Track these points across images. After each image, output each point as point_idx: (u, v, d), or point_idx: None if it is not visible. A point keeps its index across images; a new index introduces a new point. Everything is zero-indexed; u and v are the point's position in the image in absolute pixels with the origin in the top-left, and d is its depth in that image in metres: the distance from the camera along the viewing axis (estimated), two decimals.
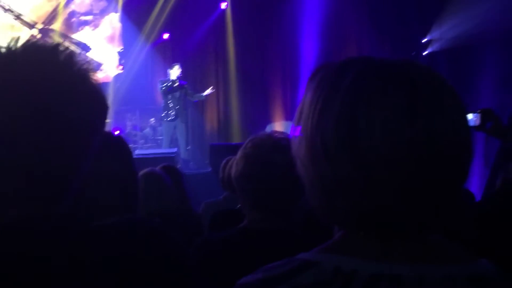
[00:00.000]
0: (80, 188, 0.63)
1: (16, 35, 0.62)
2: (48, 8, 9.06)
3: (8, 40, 0.62)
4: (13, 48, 0.60)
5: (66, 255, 0.57)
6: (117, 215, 0.99)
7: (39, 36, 8.56)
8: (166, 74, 7.52)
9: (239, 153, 1.34)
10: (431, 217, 0.58)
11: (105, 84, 8.89)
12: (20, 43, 0.60)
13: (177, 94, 7.24)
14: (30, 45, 0.61)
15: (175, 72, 7.19)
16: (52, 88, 0.59)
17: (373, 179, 0.56)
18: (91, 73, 0.63)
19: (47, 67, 0.60)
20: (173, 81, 7.13)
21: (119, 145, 1.10)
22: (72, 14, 9.24)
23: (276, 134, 1.35)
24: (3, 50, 0.60)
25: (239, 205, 1.90)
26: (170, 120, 7.29)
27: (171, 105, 7.25)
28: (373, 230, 0.59)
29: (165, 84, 7.22)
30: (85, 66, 0.63)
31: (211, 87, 7.61)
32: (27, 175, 0.59)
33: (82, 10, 9.25)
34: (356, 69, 0.59)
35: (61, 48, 0.62)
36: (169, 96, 7.22)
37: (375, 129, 0.56)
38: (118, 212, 0.99)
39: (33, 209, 0.60)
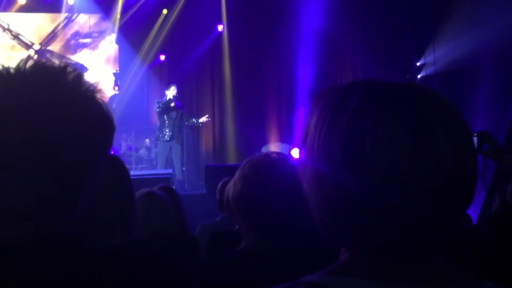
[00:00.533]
0: (83, 208, 0.63)
1: (15, 56, 0.62)
2: (49, 29, 9.13)
3: (6, 61, 0.62)
4: (22, 69, 0.61)
5: (72, 277, 0.56)
6: (115, 235, 0.98)
7: (35, 57, 8.59)
8: (163, 95, 7.55)
9: (237, 174, 1.33)
10: (436, 239, 0.58)
11: None
12: (28, 64, 0.60)
13: (173, 114, 7.26)
14: (39, 66, 0.61)
15: (171, 93, 7.22)
16: (60, 109, 0.59)
17: (379, 201, 0.56)
18: (98, 94, 0.64)
19: (56, 88, 0.61)
20: (169, 101, 7.15)
21: (116, 165, 1.09)
22: (71, 35, 9.31)
23: (274, 155, 1.35)
24: (12, 70, 0.60)
25: (237, 227, 1.89)
26: (165, 141, 7.28)
27: (167, 125, 7.25)
28: (380, 252, 0.58)
29: (161, 104, 7.25)
30: (92, 87, 0.63)
31: (207, 116, 7.59)
32: (33, 195, 0.58)
33: (82, 31, 9.32)
34: (362, 91, 0.60)
35: (69, 69, 0.62)
36: (165, 117, 7.24)
37: (382, 151, 0.56)
38: (115, 232, 0.98)
39: (37, 229, 0.59)
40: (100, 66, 9.28)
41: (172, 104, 7.14)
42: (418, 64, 8.28)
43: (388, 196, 0.56)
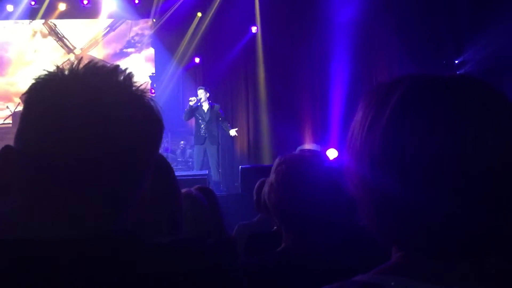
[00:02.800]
0: (134, 207, 0.64)
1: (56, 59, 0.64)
2: (88, 34, 9.40)
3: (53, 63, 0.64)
4: (75, 69, 0.62)
5: (129, 273, 0.57)
6: (162, 234, 0.99)
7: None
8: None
9: (272, 174, 1.32)
10: (489, 238, 0.55)
11: None
12: (81, 65, 0.62)
13: (204, 117, 7.29)
14: (91, 66, 0.62)
15: (199, 96, 7.30)
16: (114, 109, 0.61)
17: (422, 201, 0.54)
18: (147, 93, 0.65)
19: (108, 87, 0.62)
20: (190, 107, 7.22)
21: (162, 164, 1.10)
22: (110, 40, 9.54)
23: (307, 153, 1.33)
24: (66, 71, 0.62)
25: (275, 228, 1.88)
26: (199, 144, 7.37)
27: (198, 129, 7.33)
28: (431, 252, 0.56)
29: (183, 114, 7.34)
30: (141, 87, 0.64)
31: (236, 129, 7.56)
32: (91, 195, 0.60)
33: (121, 36, 9.54)
34: (405, 86, 0.58)
35: (120, 69, 0.63)
36: (199, 121, 7.30)
37: (422, 144, 0.54)
38: (162, 231, 0.99)
39: (94, 228, 0.60)
40: (138, 70, 9.47)
41: (194, 106, 7.17)
42: (456, 62, 8.05)
43: (429, 196, 0.54)
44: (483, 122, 0.54)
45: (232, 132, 7.43)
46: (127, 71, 0.63)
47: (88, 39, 9.42)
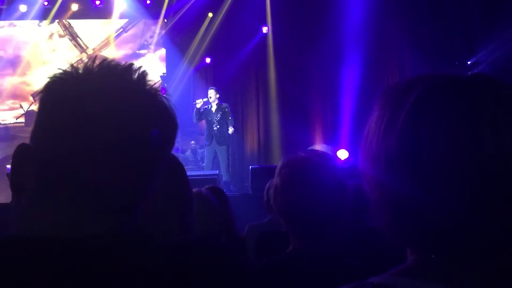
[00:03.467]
0: (145, 206, 0.64)
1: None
2: (100, 34, 9.47)
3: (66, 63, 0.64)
4: (90, 67, 0.62)
5: (142, 271, 0.58)
6: (173, 234, 1.00)
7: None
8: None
9: (276, 177, 1.32)
10: (501, 239, 0.55)
11: None
12: (96, 63, 0.62)
13: (212, 118, 7.27)
14: (105, 65, 0.63)
15: (210, 94, 7.29)
16: (128, 107, 0.61)
17: (437, 199, 0.53)
18: (159, 91, 0.65)
19: (122, 86, 0.62)
20: (197, 110, 7.21)
21: (174, 163, 1.11)
22: (121, 41, 9.61)
23: (312, 154, 1.32)
24: (81, 70, 0.62)
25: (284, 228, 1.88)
26: (207, 145, 7.39)
27: (212, 129, 7.32)
28: (445, 253, 0.56)
29: (193, 115, 7.33)
30: (155, 85, 0.65)
31: (232, 129, 7.39)
32: (103, 194, 0.60)
33: (133, 36, 9.59)
34: (422, 86, 0.58)
35: (134, 68, 0.64)
36: (209, 120, 7.30)
37: (439, 146, 0.53)
38: (173, 231, 1.00)
39: (105, 226, 0.60)
40: (151, 70, 9.51)
41: (201, 110, 7.16)
42: (469, 62, 7.97)
43: (446, 198, 0.53)
44: (502, 124, 0.53)
45: (230, 130, 7.37)
46: (141, 70, 0.64)
47: (101, 39, 9.49)
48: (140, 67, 0.64)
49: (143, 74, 0.64)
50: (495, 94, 0.55)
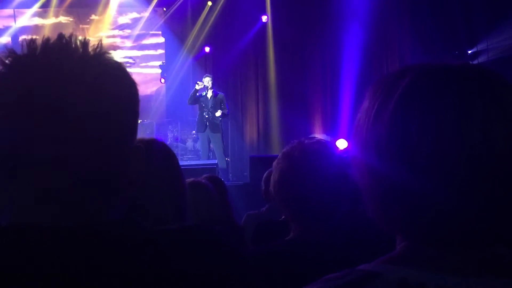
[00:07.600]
0: (130, 195, 0.62)
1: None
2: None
3: None
4: (33, 48, 0.57)
5: (133, 261, 0.57)
6: (168, 222, 0.99)
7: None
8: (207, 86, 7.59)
9: (274, 164, 1.32)
10: (493, 229, 0.55)
11: (149, 97, 9.14)
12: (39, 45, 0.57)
13: (206, 104, 7.27)
14: (45, 41, 0.58)
15: (204, 83, 7.27)
16: (79, 80, 0.57)
17: (428, 190, 0.54)
18: (108, 55, 0.60)
19: (65, 60, 0.57)
20: (194, 91, 7.21)
21: (166, 153, 1.10)
22: (120, 30, 9.57)
23: (310, 142, 1.31)
24: (25, 50, 0.57)
25: (283, 217, 1.88)
26: (201, 132, 7.38)
27: (203, 115, 7.31)
28: (434, 240, 0.56)
29: (189, 96, 7.31)
30: (101, 51, 0.59)
31: (221, 112, 7.40)
32: (71, 176, 0.57)
33: (131, 27, 9.55)
34: (412, 74, 0.58)
35: (72, 37, 0.58)
36: (203, 106, 7.29)
37: (429, 137, 0.54)
38: (168, 219, 1.00)
39: (84, 216, 0.58)
40: (149, 60, 9.49)
41: (198, 93, 7.16)
42: (470, 52, 7.94)
43: (435, 185, 0.53)
44: (491, 111, 0.54)
45: (218, 113, 7.30)
46: (80, 38, 0.59)
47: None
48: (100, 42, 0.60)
49: (85, 42, 0.59)
50: (484, 82, 0.56)
